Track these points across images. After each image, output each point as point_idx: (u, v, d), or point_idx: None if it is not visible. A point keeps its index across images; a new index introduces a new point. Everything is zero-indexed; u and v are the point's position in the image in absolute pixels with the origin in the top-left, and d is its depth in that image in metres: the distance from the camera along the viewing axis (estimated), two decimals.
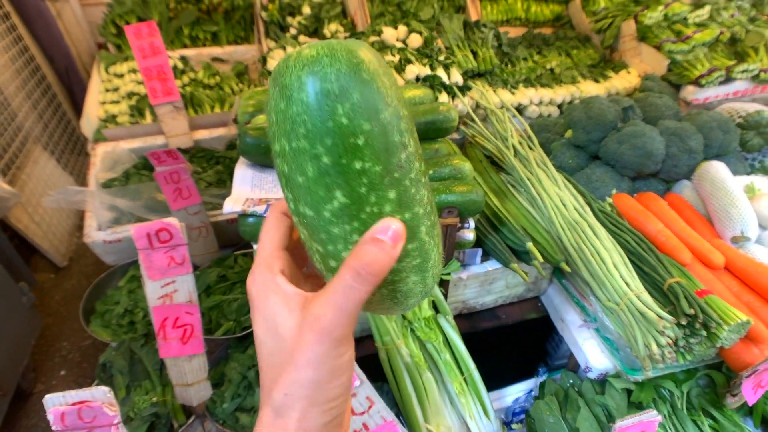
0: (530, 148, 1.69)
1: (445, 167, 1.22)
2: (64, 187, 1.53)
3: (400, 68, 1.81)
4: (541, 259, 1.28)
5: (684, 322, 1.13)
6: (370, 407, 1.01)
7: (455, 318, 1.47)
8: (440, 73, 1.82)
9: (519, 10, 2.43)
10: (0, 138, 2.41)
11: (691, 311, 1.12)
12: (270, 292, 0.42)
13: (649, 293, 1.23)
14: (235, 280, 1.63)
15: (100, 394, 0.82)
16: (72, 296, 2.81)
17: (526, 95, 1.97)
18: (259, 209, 1.09)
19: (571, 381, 1.41)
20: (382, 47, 1.93)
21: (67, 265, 2.93)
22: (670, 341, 1.10)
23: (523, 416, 1.40)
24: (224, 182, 1.87)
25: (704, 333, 1.14)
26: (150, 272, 1.15)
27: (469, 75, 2.05)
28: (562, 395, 1.36)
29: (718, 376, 1.33)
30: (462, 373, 1.28)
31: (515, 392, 1.46)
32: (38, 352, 2.23)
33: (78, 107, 3.50)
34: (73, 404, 0.81)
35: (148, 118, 1.99)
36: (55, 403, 0.81)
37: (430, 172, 1.21)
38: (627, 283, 1.22)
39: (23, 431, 1.98)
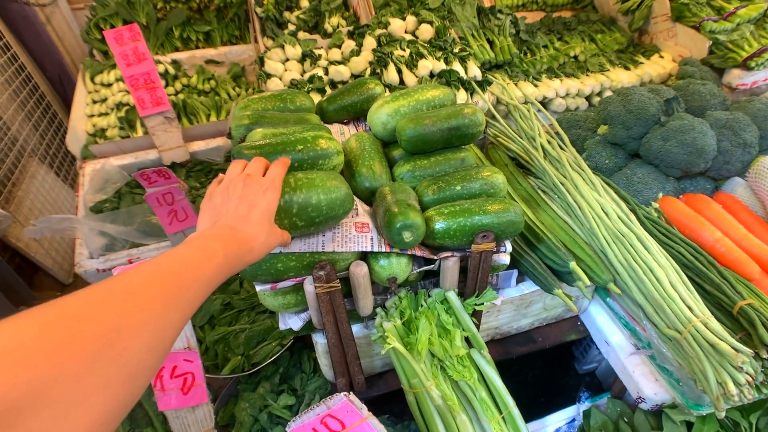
0: (561, 147, 1.51)
1: (474, 182, 1.06)
2: (47, 216, 1.38)
3: (411, 64, 1.63)
4: (587, 282, 1.12)
5: (765, 355, 0.96)
6: None
7: (487, 344, 1.31)
8: (456, 67, 1.65)
9: None
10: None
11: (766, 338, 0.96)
12: None
13: (715, 317, 1.06)
14: (242, 307, 1.49)
15: None
16: None
17: (551, 87, 1.79)
18: None
19: (619, 409, 1.26)
20: (390, 41, 1.76)
21: (73, 282, 2.82)
22: (750, 379, 0.94)
23: None
24: None
25: None
26: None
27: (487, 67, 1.86)
28: (611, 428, 1.21)
29: None
30: (500, 412, 1.13)
31: (556, 422, 1.32)
32: None
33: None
34: None
35: (140, 130, 1.83)
36: None
37: (457, 187, 1.05)
38: (690, 308, 1.05)
39: None
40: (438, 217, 0.98)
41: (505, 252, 1.05)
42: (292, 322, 1.06)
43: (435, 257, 1.00)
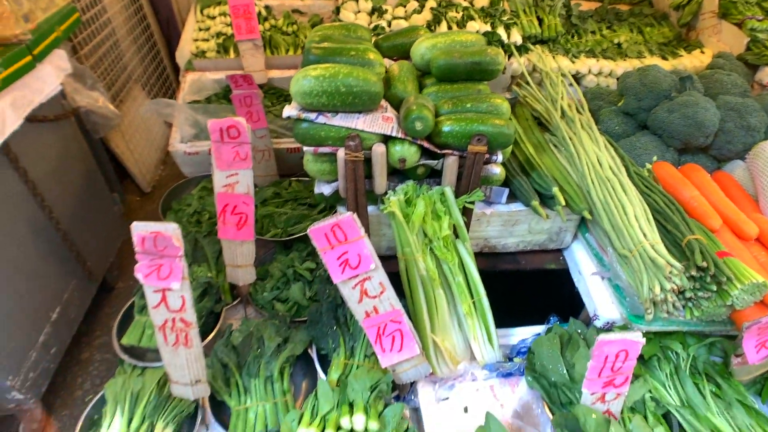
0: (579, 111, 1.73)
1: (483, 103, 1.33)
2: (158, 99, 1.81)
3: (461, 23, 1.90)
4: (563, 203, 1.35)
5: (694, 272, 1.16)
6: (381, 292, 1.17)
7: (477, 255, 1.57)
8: (500, 31, 1.89)
9: None
10: (111, 73, 2.84)
11: (704, 264, 1.15)
12: None
13: (668, 250, 1.26)
14: (287, 198, 1.85)
15: (171, 229, 1.05)
16: (153, 217, 3.26)
17: (586, 64, 1.98)
18: (311, 116, 1.27)
19: (579, 330, 1.47)
20: (449, 5, 2.03)
21: (151, 192, 3.39)
22: (675, 288, 1.14)
23: (525, 353, 1.48)
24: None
25: (714, 288, 1.16)
26: (219, 163, 1.38)
27: (532, 41, 2.09)
28: (566, 337, 1.43)
29: (730, 347, 1.33)
30: (472, 297, 1.40)
31: (523, 334, 1.55)
32: (122, 258, 2.65)
33: (173, 56, 3.98)
34: (151, 233, 1.05)
35: (232, 54, 2.25)
36: (140, 229, 1.05)
37: (468, 105, 1.32)
38: (645, 234, 1.26)
39: (104, 318, 2.39)
40: (446, 122, 1.27)
41: (496, 161, 1.31)
42: (324, 189, 1.39)
43: (439, 152, 1.28)
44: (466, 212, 1.40)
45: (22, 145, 1.61)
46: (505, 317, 1.50)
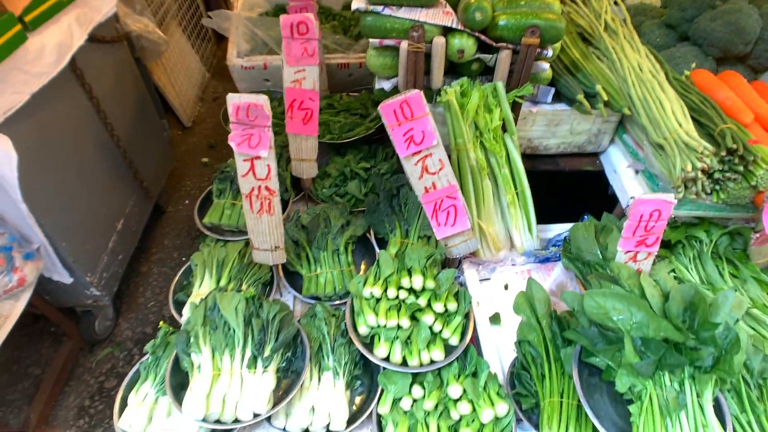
0: (621, 26, 1.79)
1: (536, 1, 1.42)
2: (218, 11, 1.93)
3: None
4: (605, 97, 1.47)
5: (724, 154, 1.28)
6: (440, 169, 1.32)
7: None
8: None
9: None
10: (151, 5, 2.93)
11: (734, 146, 1.27)
12: None
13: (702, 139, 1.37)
14: (340, 109, 1.99)
15: (263, 100, 1.20)
16: (195, 149, 3.47)
17: None
18: (378, 8, 1.38)
19: (611, 221, 1.62)
20: None
21: (191, 127, 3.56)
22: (706, 167, 1.27)
23: (561, 245, 1.64)
24: (338, 34, 2.18)
25: (741, 169, 1.28)
26: (288, 58, 1.52)
27: None
28: (600, 226, 1.58)
29: (749, 233, 1.47)
30: (516, 189, 1.54)
31: (559, 229, 1.70)
32: (169, 185, 2.86)
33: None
34: (245, 102, 1.21)
35: None
36: (234, 100, 1.21)
37: (521, 2, 1.41)
38: (680, 124, 1.38)
39: (158, 237, 2.62)
40: (502, 15, 1.37)
41: (547, 56, 1.42)
42: (385, 84, 1.53)
43: (495, 44, 1.40)
44: (515, 108, 1.53)
45: (86, 63, 1.76)
46: (543, 216, 1.66)
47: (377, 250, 1.58)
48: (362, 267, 1.61)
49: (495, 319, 1.48)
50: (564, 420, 1.11)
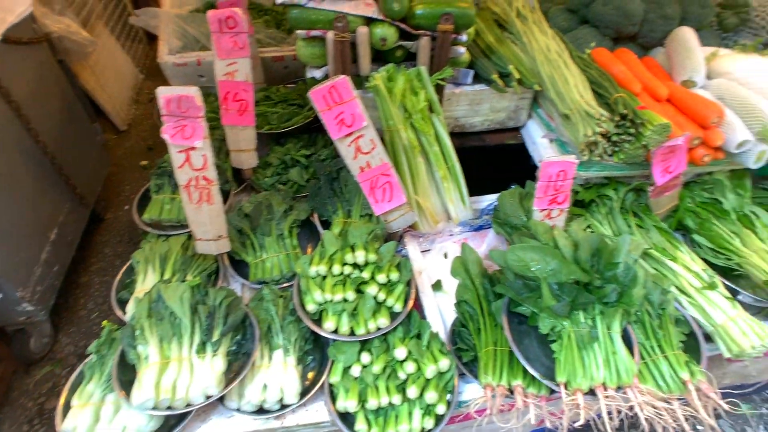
0: (531, 11, 1.97)
1: None
2: (145, 9, 1.90)
3: None
4: (517, 75, 1.62)
5: (617, 119, 1.46)
6: (373, 148, 1.41)
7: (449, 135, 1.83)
8: None
9: None
10: (73, 5, 2.81)
11: (625, 111, 1.46)
12: None
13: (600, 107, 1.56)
14: (277, 100, 2.02)
15: (193, 90, 1.23)
16: (132, 153, 3.35)
17: None
18: (303, 1, 1.44)
19: (533, 188, 1.78)
20: None
21: (127, 130, 3.43)
22: (604, 131, 1.45)
23: (492, 212, 1.78)
24: (270, 29, 2.22)
25: (633, 131, 1.47)
26: (219, 52, 1.54)
27: None
28: (524, 193, 1.73)
29: (646, 186, 1.67)
30: (447, 164, 1.66)
31: (490, 199, 1.84)
32: (107, 191, 2.76)
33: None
34: (176, 95, 1.23)
35: None
36: (165, 92, 1.23)
37: None
38: (581, 96, 1.55)
39: (98, 245, 2.54)
40: (419, 5, 1.48)
41: (462, 41, 1.55)
42: (315, 73, 1.59)
43: (414, 32, 1.50)
44: (439, 90, 1.64)
45: (1, 66, 1.68)
46: (476, 188, 1.79)
47: (322, 232, 1.64)
48: (308, 250, 1.67)
49: (437, 286, 1.59)
50: (498, 366, 1.24)
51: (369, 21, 1.49)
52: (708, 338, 1.40)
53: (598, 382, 1.14)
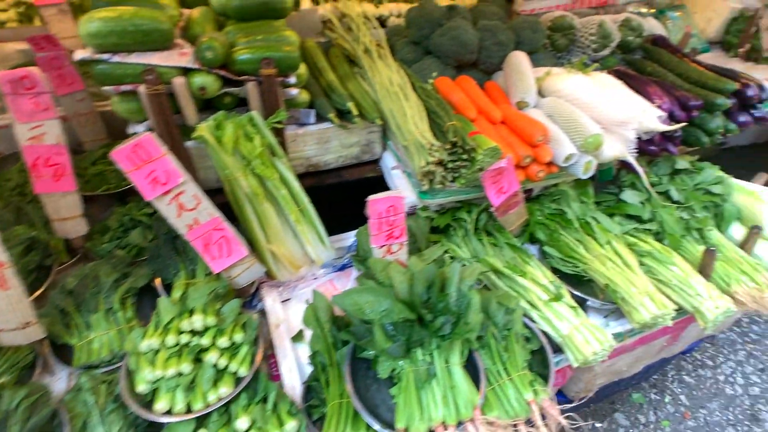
0: (379, 46, 2.01)
1: (273, 35, 1.51)
2: None
3: None
4: (356, 112, 1.62)
5: (448, 147, 1.49)
6: (198, 204, 1.32)
7: (304, 175, 1.79)
8: None
9: None
10: None
11: (455, 139, 1.49)
12: None
13: (437, 137, 1.59)
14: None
15: None
16: None
17: (388, 8, 2.28)
18: (105, 56, 1.34)
19: None
20: None
21: None
22: (436, 159, 1.47)
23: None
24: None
25: (465, 156, 1.51)
26: (18, 115, 1.39)
27: None
28: None
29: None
30: (298, 206, 1.60)
31: (354, 237, 1.81)
32: None
33: None
34: None
35: (37, 23, 2.15)
36: None
37: (259, 37, 1.50)
38: (417, 126, 1.57)
39: None
40: (239, 51, 1.44)
41: (292, 84, 1.52)
42: (138, 128, 1.48)
43: (237, 78, 1.45)
44: (279, 133, 1.60)
45: None
46: (340, 226, 1.75)
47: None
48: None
49: (298, 337, 1.51)
50: (343, 420, 1.16)
51: (187, 70, 1.42)
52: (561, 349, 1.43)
53: (437, 421, 1.10)
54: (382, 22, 2.30)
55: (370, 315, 1.19)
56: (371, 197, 1.27)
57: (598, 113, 1.74)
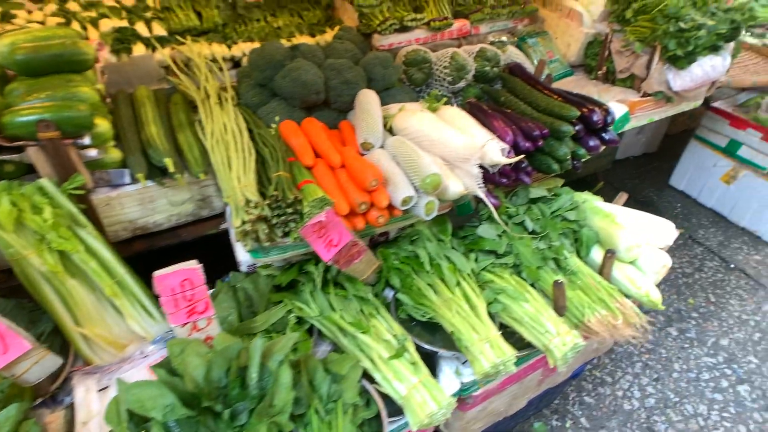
0: (224, 90, 1.89)
1: (60, 92, 1.35)
2: None
3: (94, 23, 1.90)
4: (172, 169, 1.47)
5: (269, 202, 1.38)
6: None
7: (133, 239, 1.61)
8: (140, 27, 1.95)
9: None
10: None
11: (275, 193, 1.38)
12: None
13: (267, 189, 1.47)
14: None
15: None
16: None
17: (241, 48, 2.17)
18: None
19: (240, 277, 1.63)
20: (89, 5, 2.01)
21: None
22: (253, 217, 1.35)
23: None
24: None
25: (291, 210, 1.40)
26: None
27: (194, 33, 2.21)
28: (227, 286, 1.57)
29: None
30: (114, 277, 1.43)
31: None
32: None
33: None
34: None
35: None
36: None
37: (43, 95, 1.33)
38: (240, 180, 1.45)
39: None
40: (11, 114, 1.26)
41: (87, 145, 1.36)
42: None
43: (10, 144, 1.27)
44: (85, 199, 1.42)
45: None
46: None
47: None
48: None
49: None
50: None
51: None
52: None
53: None
54: (236, 62, 2.19)
55: (153, 413, 1.03)
56: (158, 273, 1.12)
57: (442, 149, 1.70)
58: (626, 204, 2.05)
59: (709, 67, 2.39)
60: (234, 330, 1.44)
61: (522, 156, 1.68)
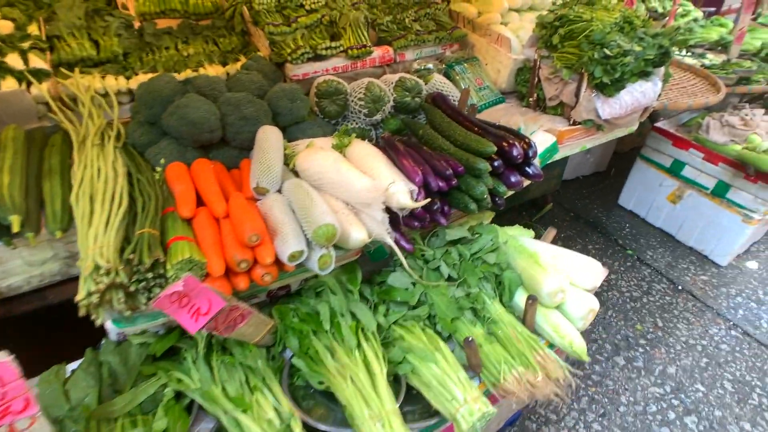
0: (110, 127, 1.70)
1: None
2: None
3: None
4: (16, 228, 1.28)
5: (122, 266, 1.19)
6: None
7: None
8: (12, 58, 1.75)
9: (175, 2, 2.47)
10: None
11: (131, 256, 1.20)
12: None
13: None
14: None
15: None
16: None
17: (140, 80, 1.99)
18: None
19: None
20: None
21: None
22: (102, 286, 1.16)
23: None
24: None
25: (151, 275, 1.22)
26: None
27: (89, 63, 2.01)
28: (91, 359, 1.37)
29: None
30: None
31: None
32: None
33: None
34: None
35: None
36: None
37: None
38: (97, 239, 1.26)
39: None
40: None
41: None
42: None
43: None
44: None
45: None
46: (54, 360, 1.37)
47: None
48: None
49: None
50: None
51: None
52: None
53: None
54: (134, 97, 2.00)
55: None
56: None
57: (344, 192, 1.55)
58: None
59: (639, 94, 2.34)
60: (89, 415, 1.24)
61: (429, 200, 1.54)
